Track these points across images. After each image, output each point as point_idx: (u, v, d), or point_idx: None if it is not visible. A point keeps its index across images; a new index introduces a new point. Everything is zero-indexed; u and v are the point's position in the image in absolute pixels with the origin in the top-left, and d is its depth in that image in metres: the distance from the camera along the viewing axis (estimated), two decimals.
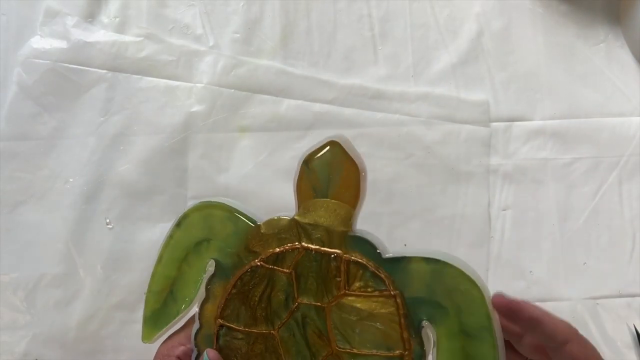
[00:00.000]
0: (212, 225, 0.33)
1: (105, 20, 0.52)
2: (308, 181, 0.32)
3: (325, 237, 0.32)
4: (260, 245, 0.32)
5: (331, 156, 0.32)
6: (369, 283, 0.31)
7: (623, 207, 0.52)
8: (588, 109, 0.54)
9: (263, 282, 0.32)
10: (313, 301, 0.32)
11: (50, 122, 0.49)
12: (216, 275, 0.33)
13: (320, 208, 0.32)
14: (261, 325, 0.32)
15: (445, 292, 0.30)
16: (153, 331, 0.34)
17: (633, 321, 0.50)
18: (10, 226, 0.48)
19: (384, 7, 0.55)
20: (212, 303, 0.33)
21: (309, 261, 0.32)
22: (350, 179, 0.32)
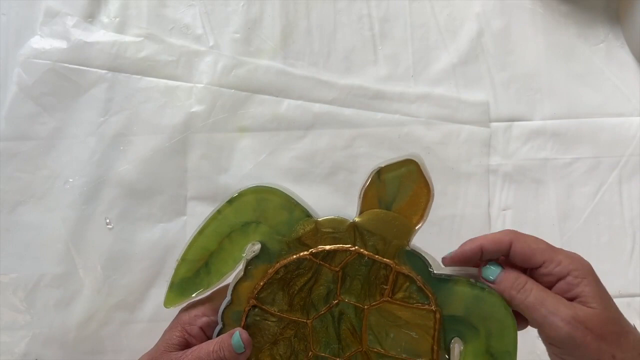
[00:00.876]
0: (266, 209, 0.34)
1: (105, 20, 0.52)
2: (376, 191, 0.34)
3: (380, 246, 0.33)
4: (312, 239, 0.34)
5: (406, 173, 0.33)
6: (413, 295, 0.33)
7: (623, 207, 0.52)
8: (588, 109, 0.54)
9: (308, 273, 0.33)
10: (354, 301, 0.33)
11: (50, 122, 0.49)
12: (259, 257, 0.34)
13: (382, 219, 0.33)
14: (296, 313, 0.34)
15: (481, 315, 0.32)
16: (177, 298, 0.35)
17: (633, 321, 0.50)
18: (10, 226, 0.48)
19: (384, 7, 0.55)
20: (249, 282, 0.34)
21: (358, 264, 0.33)
22: (419, 199, 0.33)
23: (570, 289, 0.31)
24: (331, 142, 0.51)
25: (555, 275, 0.32)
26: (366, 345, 0.33)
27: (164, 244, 0.49)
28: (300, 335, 0.34)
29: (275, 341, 0.34)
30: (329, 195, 0.51)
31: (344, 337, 0.34)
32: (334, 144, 0.51)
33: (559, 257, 0.32)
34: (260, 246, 0.34)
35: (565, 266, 0.32)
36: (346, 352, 0.34)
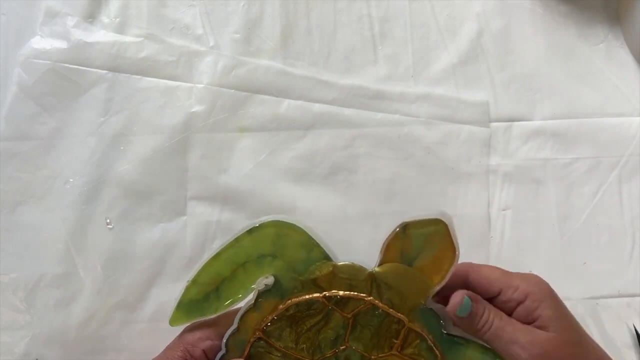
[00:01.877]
0: (285, 245, 0.33)
1: (106, 21, 0.52)
2: (400, 245, 0.33)
3: (396, 300, 0.33)
4: (327, 282, 0.33)
5: (434, 232, 0.32)
6: (422, 353, 0.33)
7: (623, 207, 0.52)
8: (588, 109, 0.54)
9: (318, 315, 0.33)
10: (362, 350, 0.33)
11: (50, 122, 0.50)
12: (272, 291, 0.33)
13: (402, 274, 0.33)
14: (301, 352, 0.34)
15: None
16: (184, 318, 0.35)
17: (633, 321, 0.50)
18: (10, 226, 0.48)
19: (384, 7, 0.55)
20: (257, 314, 0.33)
21: (371, 315, 0.33)
22: (443, 260, 0.32)
23: (529, 312, 0.32)
24: (331, 142, 0.51)
25: (515, 301, 0.32)
26: None
27: (164, 243, 0.49)
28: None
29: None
30: (329, 195, 0.51)
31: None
32: (334, 144, 0.51)
33: (515, 282, 0.32)
34: (274, 280, 0.33)
35: (522, 290, 0.32)
36: None
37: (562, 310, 0.32)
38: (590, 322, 0.49)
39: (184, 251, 0.49)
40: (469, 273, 0.33)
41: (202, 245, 0.49)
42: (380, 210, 0.51)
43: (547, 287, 0.33)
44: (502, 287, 0.32)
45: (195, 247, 0.49)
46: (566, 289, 0.50)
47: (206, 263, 0.34)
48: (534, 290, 0.32)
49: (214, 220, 0.49)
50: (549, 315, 0.31)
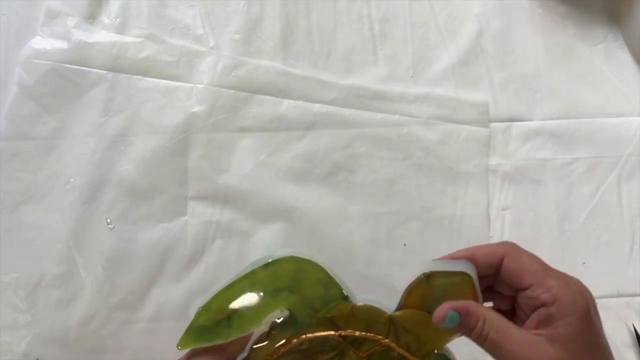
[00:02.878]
0: (302, 281, 0.33)
1: (106, 21, 0.52)
2: (421, 292, 0.32)
3: (412, 345, 0.33)
4: (344, 321, 0.33)
5: (457, 284, 0.32)
6: None
7: (622, 207, 0.52)
8: (587, 109, 0.54)
9: (332, 352, 0.33)
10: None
11: (51, 123, 0.50)
12: (286, 325, 0.33)
13: (422, 321, 0.32)
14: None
15: None
16: (193, 342, 0.34)
17: (632, 321, 0.50)
18: (11, 226, 0.48)
19: (384, 8, 0.55)
20: (269, 345, 0.33)
21: (385, 357, 0.33)
22: None
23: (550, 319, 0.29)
24: (331, 142, 0.52)
25: (540, 301, 0.29)
26: None
27: (165, 243, 0.49)
28: None
29: None
30: (329, 195, 0.51)
31: None
32: (334, 144, 0.52)
33: (551, 283, 0.29)
34: (289, 314, 0.33)
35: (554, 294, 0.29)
36: None
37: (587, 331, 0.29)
38: None
39: (184, 251, 0.49)
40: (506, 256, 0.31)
41: (202, 245, 0.49)
42: (380, 210, 0.51)
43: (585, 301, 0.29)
44: (534, 282, 0.29)
45: (195, 247, 0.49)
46: None
47: (220, 290, 0.34)
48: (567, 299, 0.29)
49: (214, 220, 0.50)
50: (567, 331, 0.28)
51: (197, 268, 0.49)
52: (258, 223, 0.50)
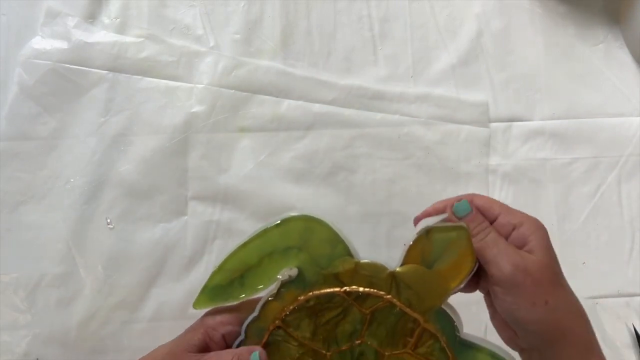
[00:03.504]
0: (310, 239, 0.34)
1: (106, 21, 0.52)
2: (421, 248, 0.34)
3: (413, 300, 0.34)
4: (349, 278, 0.34)
5: (455, 238, 0.34)
6: (434, 353, 0.34)
7: (622, 207, 0.52)
8: (587, 109, 0.54)
9: (337, 309, 0.34)
10: (377, 345, 0.34)
11: (51, 123, 0.50)
12: (294, 282, 0.34)
13: (421, 275, 0.34)
14: (318, 343, 0.34)
15: None
16: (208, 302, 0.35)
17: (632, 321, 0.50)
18: (11, 226, 0.48)
19: (383, 8, 0.55)
20: (279, 303, 0.34)
21: (388, 313, 0.34)
22: (462, 266, 0.34)
23: (522, 238, 0.34)
24: (331, 142, 0.52)
25: (511, 225, 0.35)
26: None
27: (165, 243, 0.49)
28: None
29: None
30: (329, 195, 0.51)
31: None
32: (334, 144, 0.52)
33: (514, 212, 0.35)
34: (297, 272, 0.34)
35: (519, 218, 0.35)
36: None
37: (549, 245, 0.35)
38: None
39: (184, 251, 0.49)
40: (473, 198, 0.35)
41: (202, 245, 0.49)
42: (380, 210, 0.51)
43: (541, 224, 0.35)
44: (501, 212, 0.35)
45: (195, 247, 0.49)
46: None
47: (234, 251, 0.35)
48: (530, 221, 0.35)
49: (214, 220, 0.50)
50: (538, 242, 0.34)
51: (197, 268, 0.49)
52: (258, 223, 0.49)
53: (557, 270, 0.35)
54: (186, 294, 0.48)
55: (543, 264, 0.33)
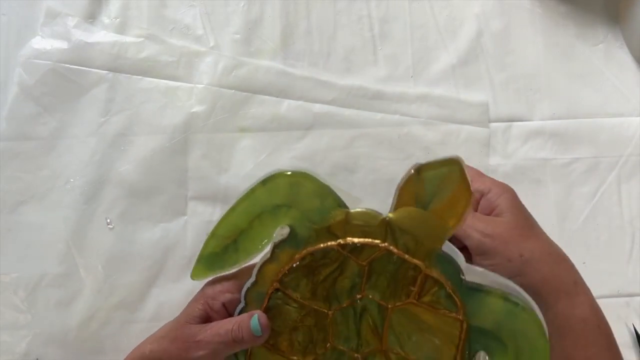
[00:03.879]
0: (298, 194, 0.33)
1: (106, 21, 0.52)
2: (413, 188, 0.32)
3: (411, 246, 0.32)
4: (342, 230, 0.33)
5: (447, 173, 0.31)
6: (440, 301, 0.32)
7: (622, 207, 0.52)
8: (587, 109, 0.54)
9: (334, 264, 0.33)
10: (379, 298, 0.32)
11: (51, 123, 0.50)
12: (287, 241, 0.33)
13: (417, 218, 0.32)
14: (318, 302, 0.33)
15: (511, 332, 0.31)
16: (204, 272, 0.35)
17: (632, 321, 0.50)
18: (11, 226, 0.48)
19: (383, 8, 0.55)
20: (274, 265, 0.33)
21: (387, 262, 0.32)
22: (458, 201, 0.31)
23: (490, 205, 0.36)
24: (331, 142, 0.52)
25: (479, 192, 0.37)
26: (386, 345, 0.33)
27: (165, 243, 0.49)
28: (320, 325, 0.33)
29: (295, 327, 0.34)
30: None
31: (364, 334, 0.33)
32: (334, 144, 0.51)
33: (483, 178, 0.38)
34: (289, 230, 0.33)
35: (488, 185, 0.37)
36: (365, 348, 0.33)
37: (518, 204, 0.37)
38: None
39: (184, 251, 0.49)
40: None
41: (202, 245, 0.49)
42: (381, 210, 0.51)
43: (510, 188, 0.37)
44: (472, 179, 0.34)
45: (195, 247, 0.49)
46: None
47: (223, 216, 0.34)
48: (498, 186, 0.37)
49: (214, 220, 0.48)
50: (505, 204, 0.36)
51: None
52: None
53: (529, 224, 0.36)
54: (186, 294, 0.48)
55: (510, 224, 0.35)
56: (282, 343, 0.34)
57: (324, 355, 0.33)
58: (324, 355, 0.33)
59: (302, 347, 0.34)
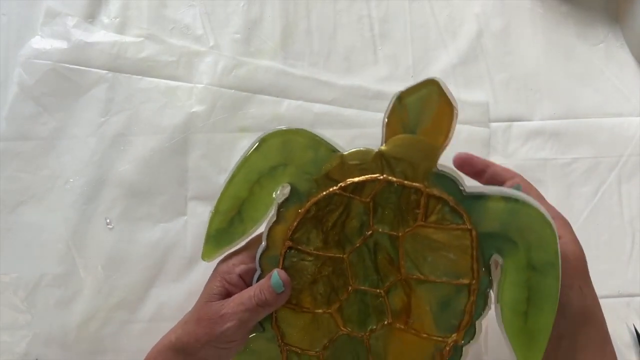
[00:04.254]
0: (292, 151, 0.34)
1: (106, 21, 0.52)
2: (398, 117, 0.33)
3: (408, 172, 0.33)
4: (340, 173, 0.33)
5: (427, 94, 0.33)
6: (446, 217, 0.32)
7: (622, 207, 0.52)
8: (587, 109, 0.54)
9: (339, 208, 0.33)
10: (388, 230, 0.33)
11: (51, 123, 0.50)
12: (290, 199, 0.34)
13: (407, 143, 0.33)
14: (332, 249, 0.34)
15: (518, 229, 0.32)
16: (215, 250, 0.35)
17: (632, 321, 0.50)
18: (11, 226, 0.48)
19: (383, 8, 0.55)
20: (282, 225, 0.34)
21: (388, 193, 0.33)
22: (443, 119, 0.33)
23: None
24: None
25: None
26: (405, 273, 0.33)
27: (165, 244, 0.49)
28: (338, 271, 0.34)
29: (314, 280, 0.34)
30: None
31: (382, 268, 0.33)
32: None
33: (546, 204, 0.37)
34: (290, 188, 0.34)
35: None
36: (385, 282, 0.33)
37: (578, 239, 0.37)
38: None
39: (184, 251, 0.49)
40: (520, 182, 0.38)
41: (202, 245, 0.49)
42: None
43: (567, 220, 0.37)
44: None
45: (195, 247, 0.49)
46: None
47: (223, 190, 0.34)
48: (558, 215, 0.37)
49: None
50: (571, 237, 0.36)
51: (197, 268, 0.49)
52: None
53: (587, 264, 0.36)
54: (186, 294, 0.48)
55: (577, 254, 0.35)
56: (305, 299, 0.34)
57: (347, 300, 0.34)
58: (348, 299, 0.34)
59: (325, 298, 0.34)
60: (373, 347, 0.34)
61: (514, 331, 0.32)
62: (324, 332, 0.34)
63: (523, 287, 0.32)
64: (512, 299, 0.32)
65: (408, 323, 0.33)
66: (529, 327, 0.32)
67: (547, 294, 0.32)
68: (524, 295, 0.32)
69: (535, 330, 0.32)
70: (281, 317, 0.35)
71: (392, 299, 0.33)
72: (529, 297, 0.32)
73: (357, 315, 0.34)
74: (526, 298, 0.32)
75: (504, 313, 0.32)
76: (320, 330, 0.34)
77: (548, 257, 0.31)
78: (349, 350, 0.34)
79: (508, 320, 0.32)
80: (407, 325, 0.33)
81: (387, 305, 0.34)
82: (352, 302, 0.34)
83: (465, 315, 0.33)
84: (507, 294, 0.32)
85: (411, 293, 0.33)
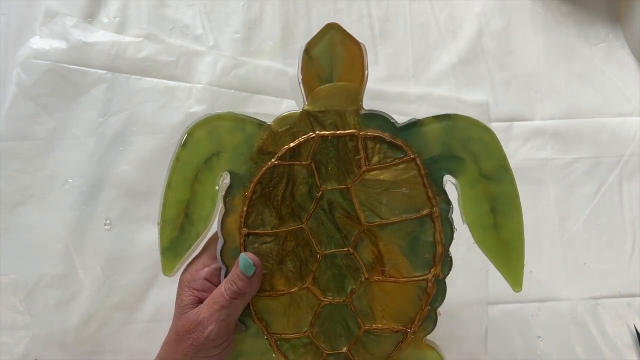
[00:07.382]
0: (220, 137, 0.33)
1: (105, 21, 0.52)
2: (311, 70, 0.33)
3: (338, 121, 0.33)
4: (273, 144, 0.33)
5: (331, 40, 0.33)
6: (387, 154, 0.33)
7: (623, 207, 0.52)
8: (588, 109, 0.54)
9: (283, 179, 0.33)
10: (336, 185, 0.33)
11: (50, 123, 0.49)
12: (233, 186, 0.33)
13: (327, 94, 0.33)
14: (288, 223, 0.33)
15: (459, 143, 0.32)
16: (174, 261, 0.34)
17: (633, 321, 0.50)
18: (10, 226, 0.48)
19: (384, 7, 0.55)
20: (233, 215, 0.33)
21: (326, 148, 0.33)
22: (354, 58, 0.33)
23: None
24: None
25: None
26: (365, 223, 0.33)
27: None
28: (302, 242, 0.33)
29: (281, 260, 0.33)
30: None
31: (343, 225, 0.33)
32: None
33: None
34: (230, 175, 0.33)
35: None
36: (350, 238, 0.33)
37: None
38: (590, 322, 0.49)
39: None
40: None
41: None
42: None
43: None
44: None
45: None
46: (566, 289, 0.50)
47: (163, 198, 0.34)
48: None
49: None
50: None
51: None
52: None
53: None
54: None
55: None
56: (278, 282, 0.34)
57: (319, 269, 0.34)
58: (320, 268, 0.34)
59: (296, 274, 0.34)
60: (358, 307, 0.34)
61: (489, 247, 0.33)
62: (306, 309, 0.34)
63: (483, 200, 0.32)
64: (477, 215, 0.32)
65: (384, 272, 0.33)
66: (502, 237, 0.32)
67: (508, 199, 0.32)
68: (486, 208, 0.32)
69: (510, 240, 0.32)
70: (260, 308, 0.34)
71: (362, 253, 0.33)
72: (493, 208, 0.32)
73: (333, 280, 0.34)
74: (490, 210, 0.32)
75: (474, 231, 0.33)
76: (302, 308, 0.34)
77: (497, 161, 0.32)
78: (336, 320, 0.34)
79: (480, 238, 0.32)
80: (384, 274, 0.33)
81: (358, 260, 0.33)
82: (325, 269, 0.34)
83: (436, 245, 0.33)
84: (470, 211, 0.32)
85: (378, 241, 0.33)
